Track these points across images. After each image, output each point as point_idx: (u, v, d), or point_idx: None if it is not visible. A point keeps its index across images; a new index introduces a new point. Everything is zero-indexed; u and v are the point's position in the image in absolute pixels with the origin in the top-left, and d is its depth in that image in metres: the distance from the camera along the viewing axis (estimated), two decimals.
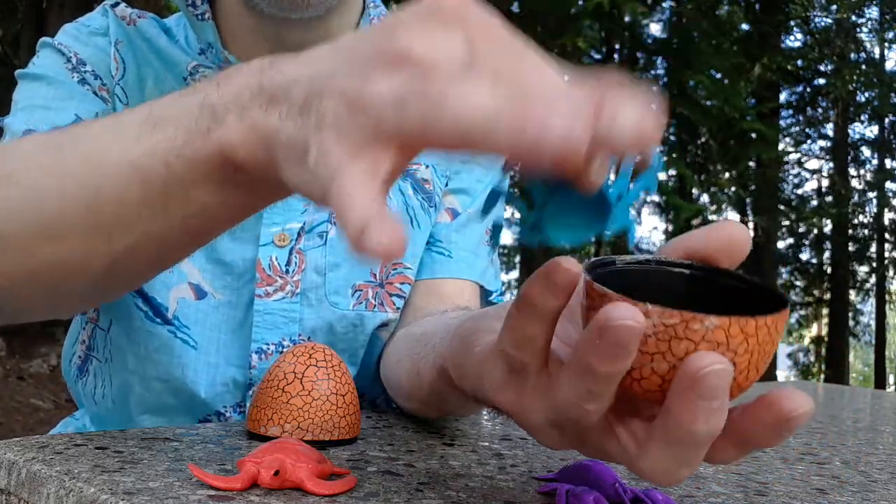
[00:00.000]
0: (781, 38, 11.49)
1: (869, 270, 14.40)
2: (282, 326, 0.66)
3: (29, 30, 6.56)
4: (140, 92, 0.69)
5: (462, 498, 0.39)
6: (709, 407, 0.28)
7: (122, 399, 0.69)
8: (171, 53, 0.70)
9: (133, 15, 0.72)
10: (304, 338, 0.68)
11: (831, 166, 14.15)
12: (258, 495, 0.36)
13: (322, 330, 0.68)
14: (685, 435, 0.28)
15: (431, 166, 0.75)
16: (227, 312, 0.66)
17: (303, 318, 0.67)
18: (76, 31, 0.71)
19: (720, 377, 0.27)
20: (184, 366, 0.65)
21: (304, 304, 0.67)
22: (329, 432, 0.49)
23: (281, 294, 0.67)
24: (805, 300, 15.48)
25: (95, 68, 0.69)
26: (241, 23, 0.70)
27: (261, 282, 0.66)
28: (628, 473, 0.48)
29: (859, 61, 12.78)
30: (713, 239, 0.32)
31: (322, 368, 0.50)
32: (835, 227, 13.78)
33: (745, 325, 0.28)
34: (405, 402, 0.61)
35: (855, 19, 12.48)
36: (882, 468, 0.57)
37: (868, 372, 22.01)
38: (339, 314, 0.69)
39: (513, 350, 0.33)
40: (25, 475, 0.39)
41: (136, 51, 0.70)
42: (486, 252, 0.79)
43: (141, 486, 0.36)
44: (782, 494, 0.46)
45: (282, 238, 0.67)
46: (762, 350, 0.29)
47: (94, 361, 0.71)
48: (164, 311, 0.65)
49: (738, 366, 0.29)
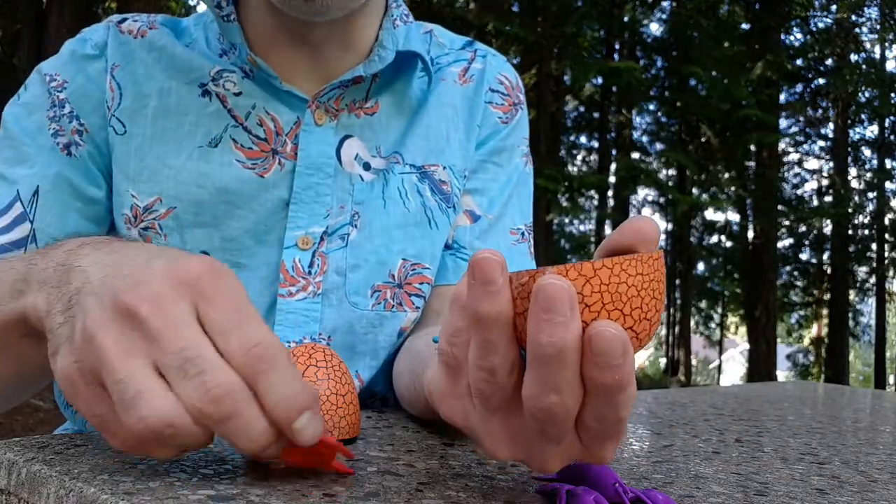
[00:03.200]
0: (781, 37, 11.49)
1: (869, 270, 14.40)
2: (303, 325, 0.67)
3: (29, 30, 6.56)
4: (141, 114, 0.69)
5: (462, 498, 0.39)
6: (550, 320, 0.31)
7: None
8: (188, 60, 0.70)
9: (143, 27, 0.72)
10: (325, 336, 0.69)
11: (831, 166, 14.15)
12: (258, 495, 0.36)
13: (342, 329, 0.69)
14: (535, 348, 0.32)
15: (449, 168, 0.76)
16: None
17: (323, 317, 0.68)
18: (70, 54, 0.71)
19: (556, 289, 0.31)
20: None
21: (325, 304, 0.69)
22: (329, 432, 0.49)
23: (303, 294, 0.68)
24: (805, 300, 15.48)
25: (78, 105, 0.69)
26: (266, 24, 0.70)
27: (284, 282, 0.67)
28: (628, 474, 0.48)
29: (859, 61, 12.78)
30: (626, 233, 0.36)
31: (322, 368, 0.50)
32: (835, 227, 13.78)
33: (581, 269, 0.32)
34: (411, 410, 0.63)
35: (855, 19, 12.48)
36: (882, 468, 0.57)
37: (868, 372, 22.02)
38: (359, 314, 0.70)
39: (446, 346, 0.36)
40: (25, 475, 0.39)
41: (136, 69, 0.70)
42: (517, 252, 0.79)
43: (141, 486, 0.36)
44: (782, 494, 0.46)
45: (305, 241, 0.68)
46: (614, 291, 0.32)
47: None
48: None
49: (591, 306, 0.32)
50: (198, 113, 0.69)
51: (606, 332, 0.31)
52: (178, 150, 0.68)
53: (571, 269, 0.32)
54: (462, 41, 0.83)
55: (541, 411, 0.33)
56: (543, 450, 0.35)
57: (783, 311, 15.29)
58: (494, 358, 0.33)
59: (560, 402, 0.32)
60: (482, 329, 0.33)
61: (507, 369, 0.34)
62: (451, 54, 0.81)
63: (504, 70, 0.82)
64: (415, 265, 0.72)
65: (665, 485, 0.46)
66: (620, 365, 0.31)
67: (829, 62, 12.83)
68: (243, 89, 0.69)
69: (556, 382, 0.32)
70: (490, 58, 0.82)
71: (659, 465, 0.52)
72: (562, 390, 0.32)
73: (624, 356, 0.31)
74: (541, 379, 0.32)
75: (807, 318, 16.45)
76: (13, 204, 0.66)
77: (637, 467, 0.50)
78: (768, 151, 11.47)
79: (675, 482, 0.47)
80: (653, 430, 0.67)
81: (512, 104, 0.81)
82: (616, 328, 0.31)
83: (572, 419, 0.33)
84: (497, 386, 0.34)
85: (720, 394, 1.02)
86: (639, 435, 0.64)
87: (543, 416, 0.33)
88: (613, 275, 0.32)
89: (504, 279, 0.33)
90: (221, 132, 0.68)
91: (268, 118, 0.69)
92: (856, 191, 14.09)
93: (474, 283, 0.33)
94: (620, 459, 0.52)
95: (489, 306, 0.33)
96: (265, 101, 0.70)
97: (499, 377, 0.34)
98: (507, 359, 0.34)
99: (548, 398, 0.32)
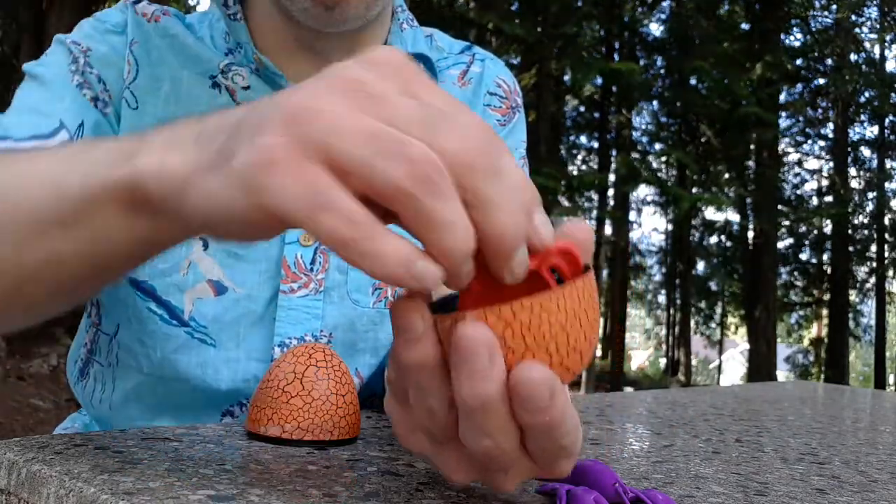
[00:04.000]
0: (781, 37, 11.49)
1: (869, 270, 14.40)
2: (305, 322, 0.68)
3: (29, 31, 6.56)
4: (154, 94, 0.68)
5: (462, 498, 0.39)
6: (470, 375, 0.30)
7: (128, 402, 0.69)
8: (200, 51, 0.70)
9: (157, 11, 0.72)
10: (326, 333, 0.69)
11: (831, 166, 14.15)
12: (258, 495, 0.36)
13: (343, 327, 0.69)
14: (459, 400, 0.31)
15: None
16: (246, 306, 0.67)
17: (325, 314, 0.68)
18: (92, 28, 0.70)
19: (474, 343, 0.30)
20: (203, 364, 0.66)
21: (326, 301, 0.69)
22: (329, 432, 0.49)
23: (305, 291, 0.68)
24: (805, 300, 15.48)
25: (103, 71, 0.68)
26: (273, 27, 0.70)
27: (286, 278, 0.67)
28: (628, 474, 0.48)
29: (859, 61, 12.78)
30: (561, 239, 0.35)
31: (322, 368, 0.50)
32: (835, 227, 13.78)
33: (500, 313, 0.30)
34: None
35: (855, 19, 12.48)
36: (882, 468, 0.57)
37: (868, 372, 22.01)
38: (360, 311, 0.70)
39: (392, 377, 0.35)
40: (25, 475, 0.39)
41: (151, 50, 0.70)
42: None
43: (141, 486, 0.36)
44: (782, 494, 0.46)
45: (307, 237, 0.68)
46: (537, 332, 0.31)
47: (96, 365, 0.71)
48: (180, 313, 0.65)
49: (515, 350, 0.31)
50: (208, 104, 0.68)
51: (530, 378, 0.30)
52: None
53: (490, 313, 0.30)
54: (461, 45, 0.84)
55: (478, 453, 0.33)
56: (496, 475, 0.35)
57: (783, 311, 15.29)
58: (429, 400, 0.33)
59: (494, 445, 0.32)
60: (410, 375, 0.33)
61: (445, 408, 0.33)
62: (449, 58, 0.81)
63: (502, 74, 0.83)
64: None
65: (665, 485, 0.46)
66: (548, 407, 0.31)
67: (829, 62, 12.83)
68: (252, 84, 0.69)
69: (487, 429, 0.32)
70: (488, 62, 0.82)
71: (659, 465, 0.52)
72: (493, 435, 0.32)
73: (552, 398, 0.31)
74: (471, 426, 0.32)
75: (807, 318, 16.45)
76: (59, 130, 0.63)
77: (637, 467, 0.50)
78: (768, 151, 11.47)
79: (675, 482, 0.47)
80: (653, 430, 0.67)
81: (510, 107, 0.82)
82: (540, 371, 0.30)
83: (513, 454, 0.33)
84: (438, 423, 0.34)
85: (720, 394, 1.02)
86: (639, 435, 0.64)
87: (482, 457, 0.33)
88: (534, 315, 0.30)
89: (426, 325, 0.32)
90: None
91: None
92: (856, 191, 14.09)
93: (395, 331, 0.32)
94: (620, 459, 0.52)
95: (411, 355, 0.32)
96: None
97: (438, 416, 0.33)
98: (442, 399, 0.33)
99: (482, 442, 0.32)
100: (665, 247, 16.28)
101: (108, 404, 0.70)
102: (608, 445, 0.57)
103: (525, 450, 0.33)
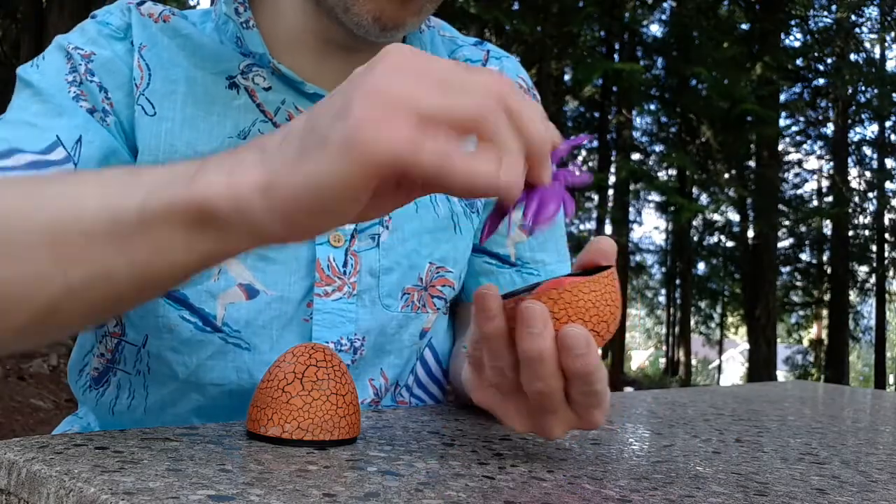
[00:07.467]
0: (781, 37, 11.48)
1: (869, 270, 14.39)
2: (339, 326, 0.68)
3: (29, 31, 6.56)
4: (171, 98, 0.67)
5: (462, 498, 0.39)
6: (530, 334, 0.43)
7: (164, 408, 0.69)
8: (216, 52, 0.69)
9: (166, 12, 0.71)
10: (360, 337, 0.69)
11: (831, 166, 14.15)
12: (258, 495, 0.36)
13: (374, 331, 0.70)
14: (521, 354, 0.44)
15: None
16: (278, 308, 0.66)
17: (358, 318, 0.69)
18: (96, 31, 0.68)
19: (532, 312, 0.43)
20: (238, 368, 0.66)
21: (359, 305, 0.69)
22: (329, 432, 0.49)
23: (339, 294, 0.68)
24: (805, 301, 15.47)
25: (105, 79, 0.66)
26: (296, 27, 0.69)
27: (320, 281, 0.67)
28: (629, 474, 0.48)
29: (859, 61, 12.77)
30: (592, 251, 0.49)
31: (322, 368, 0.50)
32: (835, 227, 13.77)
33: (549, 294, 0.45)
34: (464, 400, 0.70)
35: (855, 19, 12.47)
36: (882, 468, 0.57)
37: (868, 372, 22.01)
38: (390, 315, 0.71)
39: (471, 351, 0.48)
40: (25, 475, 0.39)
41: (162, 52, 0.68)
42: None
43: (141, 486, 0.36)
44: (782, 494, 0.46)
45: (337, 238, 0.68)
46: (575, 306, 0.44)
47: (119, 373, 0.71)
48: (213, 319, 0.65)
49: (560, 319, 0.44)
50: (225, 104, 0.68)
51: (572, 331, 0.43)
52: (208, 139, 0.66)
53: (543, 294, 0.44)
54: (472, 38, 0.84)
55: (533, 394, 0.45)
56: (547, 421, 0.47)
57: (783, 311, 15.28)
58: (499, 360, 0.46)
59: (545, 386, 0.45)
60: (487, 342, 0.46)
61: (511, 367, 0.46)
62: (465, 47, 0.81)
63: (521, 73, 0.83)
64: (440, 268, 0.74)
65: (665, 485, 0.46)
66: (585, 354, 0.43)
67: (829, 62, 12.82)
68: (273, 84, 0.69)
69: (541, 374, 0.44)
70: (505, 61, 0.83)
71: (659, 465, 0.52)
72: (545, 379, 0.44)
73: (587, 347, 0.43)
74: (529, 373, 0.45)
75: (807, 318, 16.44)
76: (54, 147, 0.62)
77: (637, 467, 0.50)
78: (768, 151, 11.45)
79: (675, 482, 0.47)
80: (653, 430, 0.67)
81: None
82: (579, 328, 0.44)
83: (560, 396, 0.45)
84: (506, 379, 0.47)
85: (720, 394, 1.02)
86: (639, 435, 0.64)
87: (537, 397, 0.45)
88: (573, 296, 0.44)
89: (498, 306, 0.45)
90: (250, 126, 0.68)
91: (297, 115, 0.68)
92: (856, 191, 14.08)
93: (477, 311, 0.45)
94: (620, 459, 0.52)
95: (488, 328, 0.45)
96: (295, 98, 0.69)
97: (506, 373, 0.47)
98: (509, 360, 0.46)
99: (537, 385, 0.45)
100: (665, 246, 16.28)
101: (140, 410, 0.70)
102: (608, 445, 0.57)
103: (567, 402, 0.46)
